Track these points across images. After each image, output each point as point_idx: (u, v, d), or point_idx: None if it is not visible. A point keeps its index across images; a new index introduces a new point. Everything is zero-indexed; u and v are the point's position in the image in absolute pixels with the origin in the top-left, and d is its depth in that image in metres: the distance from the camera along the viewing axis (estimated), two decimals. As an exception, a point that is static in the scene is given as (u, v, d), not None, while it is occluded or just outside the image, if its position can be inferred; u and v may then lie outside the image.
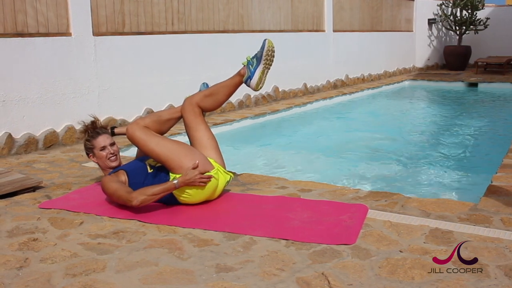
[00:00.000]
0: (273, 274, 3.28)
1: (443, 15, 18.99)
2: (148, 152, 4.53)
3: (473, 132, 9.58)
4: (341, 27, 13.96)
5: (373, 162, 7.23)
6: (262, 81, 4.77)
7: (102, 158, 4.88)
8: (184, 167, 4.39)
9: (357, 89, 13.84)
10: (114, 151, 4.91)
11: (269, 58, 4.74)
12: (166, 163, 4.45)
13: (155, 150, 4.46)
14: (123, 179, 4.53)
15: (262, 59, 4.73)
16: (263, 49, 4.72)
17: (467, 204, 4.47)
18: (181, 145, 4.57)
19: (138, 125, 4.60)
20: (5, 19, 6.47)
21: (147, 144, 4.49)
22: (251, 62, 4.79)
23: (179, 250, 3.66)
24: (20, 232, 4.01)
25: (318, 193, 4.90)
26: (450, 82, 15.86)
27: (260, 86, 4.78)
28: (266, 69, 4.77)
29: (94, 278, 3.25)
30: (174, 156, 4.42)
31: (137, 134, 4.54)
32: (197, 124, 4.83)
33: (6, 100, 6.51)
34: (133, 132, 4.56)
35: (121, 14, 7.86)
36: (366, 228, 4.00)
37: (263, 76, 4.76)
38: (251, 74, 4.75)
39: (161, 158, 4.46)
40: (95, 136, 4.91)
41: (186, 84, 8.84)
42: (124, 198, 4.31)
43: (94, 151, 4.89)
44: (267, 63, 4.75)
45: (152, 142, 4.49)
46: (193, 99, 4.87)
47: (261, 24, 10.87)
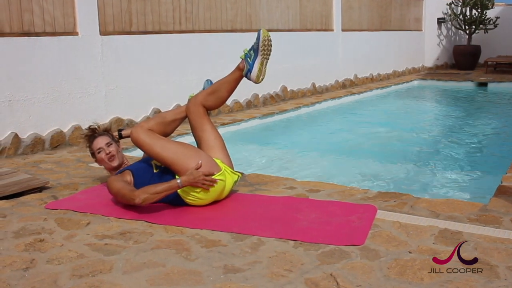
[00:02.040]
0: (281, 275, 3.26)
1: (452, 14, 18.91)
2: (154, 155, 4.50)
3: (482, 132, 9.52)
4: (350, 26, 13.92)
5: (382, 163, 7.19)
6: (262, 72, 4.69)
7: (101, 160, 4.90)
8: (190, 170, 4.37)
9: (366, 88, 13.80)
10: (110, 151, 4.88)
11: (266, 49, 4.65)
12: (171, 166, 4.43)
13: (160, 154, 4.43)
14: (128, 179, 4.51)
15: (259, 50, 4.64)
16: (259, 40, 4.64)
17: (476, 205, 4.44)
18: (186, 148, 4.54)
19: (143, 128, 4.57)
20: (12, 19, 6.46)
21: (152, 148, 4.46)
22: (249, 54, 4.71)
23: (187, 251, 3.64)
24: (26, 233, 3.99)
25: (327, 193, 4.87)
26: (459, 82, 15.79)
27: (261, 78, 4.71)
28: (264, 60, 4.68)
29: (101, 279, 3.23)
30: (179, 159, 4.39)
31: (142, 137, 4.51)
32: (203, 124, 4.81)
33: (12, 100, 6.50)
34: (137, 136, 4.53)
35: (128, 13, 7.85)
36: (375, 228, 3.97)
37: (263, 67, 4.68)
38: (250, 67, 4.67)
39: (167, 161, 4.43)
40: (92, 140, 4.94)
41: (194, 84, 8.81)
42: (127, 196, 4.28)
43: (95, 155, 4.93)
44: (265, 54, 4.67)
45: (157, 145, 4.46)
46: (197, 99, 4.85)
47: (269, 23, 10.85)
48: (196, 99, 4.85)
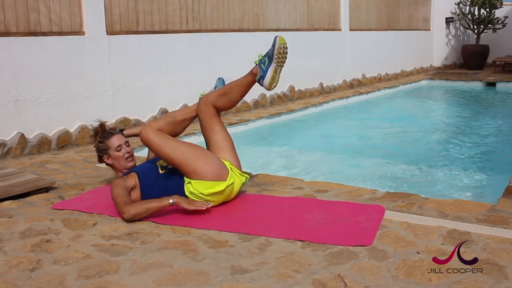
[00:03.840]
0: (288, 275, 3.24)
1: (460, 14, 18.84)
2: (162, 156, 4.45)
3: (491, 132, 9.48)
4: (358, 26, 13.89)
5: (389, 163, 7.16)
6: (275, 80, 4.60)
7: (119, 158, 4.80)
8: (198, 172, 4.34)
9: (374, 88, 13.77)
10: (130, 150, 4.86)
11: (281, 56, 4.56)
12: (180, 167, 4.39)
13: (169, 155, 4.39)
14: (133, 182, 4.45)
15: (273, 57, 4.55)
16: (274, 46, 4.55)
17: (485, 205, 4.41)
18: (195, 149, 4.50)
19: (152, 128, 4.52)
20: (18, 18, 6.46)
21: (161, 148, 4.41)
22: (263, 60, 4.62)
23: (194, 252, 3.62)
24: (33, 233, 3.98)
25: (334, 193, 4.85)
26: (467, 82, 15.73)
27: (274, 85, 4.62)
28: (278, 67, 4.59)
29: (108, 280, 3.22)
30: (188, 160, 4.35)
31: (151, 137, 4.45)
32: (213, 124, 4.77)
33: (18, 99, 6.50)
34: (146, 135, 4.47)
35: (135, 13, 7.84)
36: (382, 229, 3.95)
37: (276, 75, 4.58)
38: (264, 73, 4.59)
39: (175, 162, 4.39)
40: (108, 137, 4.84)
41: (201, 84, 8.79)
42: (119, 207, 4.23)
43: (109, 152, 4.80)
44: (280, 61, 4.58)
45: (167, 146, 4.41)
46: (208, 99, 4.80)
47: (276, 23, 10.83)
48: (207, 99, 4.81)
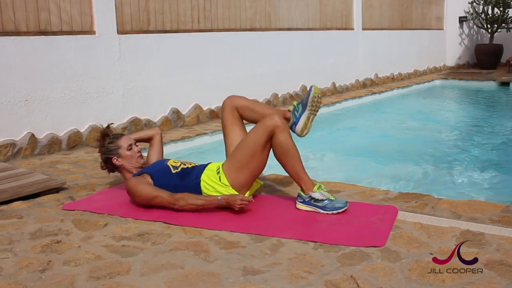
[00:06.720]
0: (301, 277, 3.21)
1: (474, 13, 18.75)
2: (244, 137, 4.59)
3: (504, 132, 9.43)
4: (371, 25, 13.86)
5: (403, 163, 7.14)
6: (307, 127, 4.69)
7: (130, 157, 4.79)
8: (238, 172, 4.46)
9: (387, 88, 13.73)
10: (139, 149, 4.86)
11: (314, 105, 4.65)
12: (236, 149, 4.53)
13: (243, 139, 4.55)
14: (149, 182, 4.46)
15: (307, 105, 4.65)
16: (309, 95, 4.64)
17: (498, 206, 4.37)
18: (256, 156, 4.52)
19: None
20: (28, 18, 6.45)
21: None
22: (297, 108, 4.70)
23: (205, 253, 3.60)
24: (43, 234, 3.97)
25: (347, 194, 4.82)
26: (481, 81, 15.67)
27: (306, 132, 4.71)
28: (311, 115, 4.68)
29: (119, 281, 3.20)
30: (246, 155, 4.47)
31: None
32: (233, 124, 4.78)
33: (29, 99, 6.49)
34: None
35: (146, 12, 7.82)
36: (396, 230, 3.91)
37: (309, 122, 4.67)
38: (296, 120, 4.68)
39: (240, 145, 4.52)
40: (118, 137, 4.85)
41: (212, 83, 8.81)
42: (166, 199, 4.30)
43: (119, 151, 4.78)
44: (313, 110, 4.67)
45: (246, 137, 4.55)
46: (236, 102, 4.78)
47: (289, 22, 10.81)
48: (235, 102, 4.80)
